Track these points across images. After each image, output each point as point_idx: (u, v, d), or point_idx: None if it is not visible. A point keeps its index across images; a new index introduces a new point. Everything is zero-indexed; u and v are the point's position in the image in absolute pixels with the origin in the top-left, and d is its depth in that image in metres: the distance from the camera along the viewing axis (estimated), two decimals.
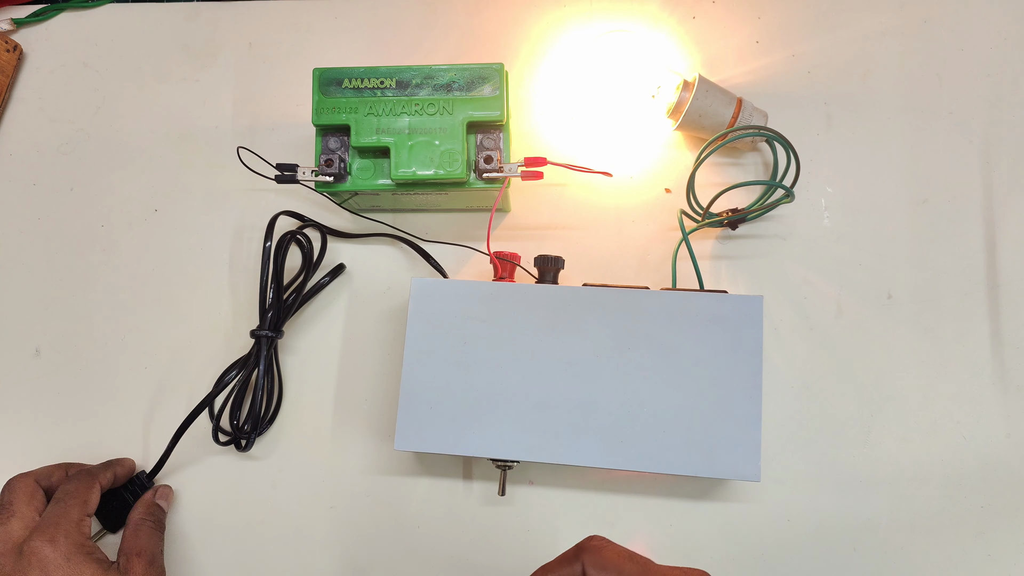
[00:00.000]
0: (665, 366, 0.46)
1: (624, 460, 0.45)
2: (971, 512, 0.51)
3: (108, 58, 0.59)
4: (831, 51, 0.56)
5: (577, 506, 0.52)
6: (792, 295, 0.53)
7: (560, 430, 0.46)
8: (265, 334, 0.51)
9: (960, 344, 0.53)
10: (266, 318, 0.51)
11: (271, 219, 0.52)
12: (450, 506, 0.52)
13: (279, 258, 0.52)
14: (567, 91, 0.56)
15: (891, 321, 0.53)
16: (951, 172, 0.54)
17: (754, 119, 0.52)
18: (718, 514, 0.51)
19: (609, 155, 0.55)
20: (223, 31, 0.58)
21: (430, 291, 0.48)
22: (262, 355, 0.51)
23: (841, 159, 0.55)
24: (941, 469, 0.51)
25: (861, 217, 0.54)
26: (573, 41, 0.57)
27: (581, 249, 0.54)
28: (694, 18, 0.57)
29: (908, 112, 0.55)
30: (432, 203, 0.54)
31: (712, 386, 0.45)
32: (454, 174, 0.47)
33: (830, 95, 0.55)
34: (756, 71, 0.56)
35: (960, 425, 0.52)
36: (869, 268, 0.54)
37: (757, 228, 0.54)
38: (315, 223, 0.54)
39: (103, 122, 0.59)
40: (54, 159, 0.58)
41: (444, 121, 0.48)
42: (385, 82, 0.48)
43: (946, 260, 0.53)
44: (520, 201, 0.56)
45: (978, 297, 0.53)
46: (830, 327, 0.53)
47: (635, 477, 0.52)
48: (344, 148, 0.49)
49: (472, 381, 0.47)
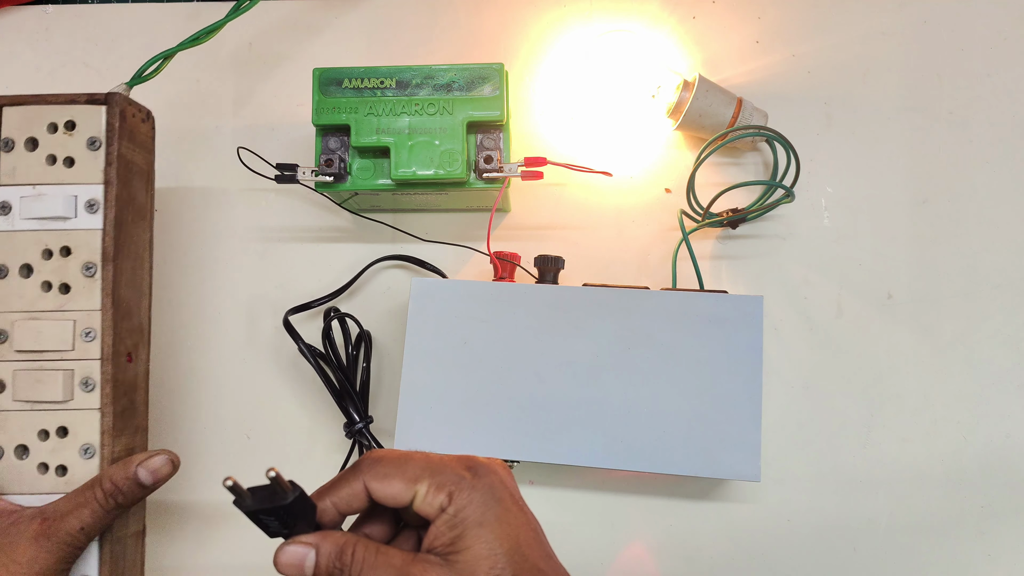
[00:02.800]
0: (665, 366, 0.46)
1: (624, 460, 0.45)
2: (971, 512, 0.51)
3: (108, 58, 0.59)
4: (831, 51, 0.56)
5: (577, 506, 0.52)
6: (792, 295, 0.53)
7: (560, 430, 0.46)
8: (362, 425, 0.50)
9: (960, 344, 0.53)
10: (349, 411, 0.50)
11: (326, 325, 0.51)
12: None
13: (334, 350, 0.51)
14: (567, 91, 0.56)
15: (891, 321, 0.53)
16: (951, 172, 0.54)
17: (754, 119, 0.52)
18: (718, 514, 0.51)
19: (609, 155, 0.55)
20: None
21: (430, 291, 0.48)
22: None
23: (841, 159, 0.55)
24: (941, 469, 0.51)
25: (861, 217, 0.54)
26: (573, 41, 0.57)
27: (581, 249, 0.54)
28: (694, 18, 0.57)
29: (908, 112, 0.55)
30: (432, 203, 0.54)
31: (712, 386, 0.45)
32: (454, 174, 0.47)
33: (830, 95, 0.55)
34: (756, 71, 0.56)
35: (960, 425, 0.52)
36: (869, 268, 0.54)
37: (757, 228, 0.54)
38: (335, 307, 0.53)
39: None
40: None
41: (444, 121, 0.48)
42: (385, 82, 0.48)
43: (946, 260, 0.53)
44: (520, 201, 0.56)
45: (978, 297, 0.53)
46: (830, 327, 0.53)
47: (635, 477, 0.52)
48: (344, 148, 0.49)
49: (472, 381, 0.47)
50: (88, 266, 0.42)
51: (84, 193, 0.43)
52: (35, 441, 0.42)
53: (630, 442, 0.45)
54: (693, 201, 0.51)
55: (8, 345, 0.42)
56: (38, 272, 0.43)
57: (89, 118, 0.43)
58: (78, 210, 0.43)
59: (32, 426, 0.42)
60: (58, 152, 0.43)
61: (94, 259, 0.42)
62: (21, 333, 0.42)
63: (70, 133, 0.43)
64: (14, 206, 0.43)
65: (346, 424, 0.50)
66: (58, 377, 0.41)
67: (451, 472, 0.33)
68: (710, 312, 0.46)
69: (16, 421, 0.42)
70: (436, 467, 0.33)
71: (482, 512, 0.32)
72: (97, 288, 0.42)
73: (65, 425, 0.42)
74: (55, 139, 0.43)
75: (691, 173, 0.50)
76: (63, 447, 0.42)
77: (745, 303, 0.46)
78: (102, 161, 0.43)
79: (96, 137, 0.43)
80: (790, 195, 0.50)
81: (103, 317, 0.42)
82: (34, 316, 0.42)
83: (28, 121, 0.43)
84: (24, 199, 0.43)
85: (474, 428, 0.46)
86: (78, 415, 0.42)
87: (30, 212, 0.43)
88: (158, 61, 0.47)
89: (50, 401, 0.42)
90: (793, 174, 0.50)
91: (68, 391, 0.42)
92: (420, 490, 0.32)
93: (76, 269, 0.42)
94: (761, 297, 0.46)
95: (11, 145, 0.43)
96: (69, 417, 0.42)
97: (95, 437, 0.42)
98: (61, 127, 0.43)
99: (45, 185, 0.43)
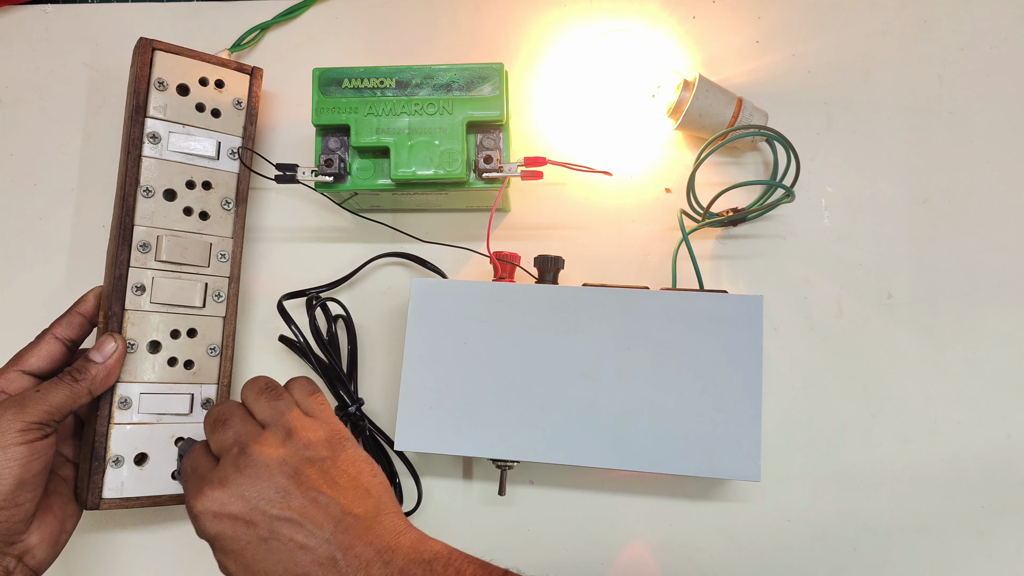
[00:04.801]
0: (665, 366, 0.46)
1: (624, 460, 0.45)
2: (971, 512, 0.51)
3: (108, 58, 0.59)
4: (831, 51, 0.56)
5: (577, 506, 0.52)
6: (792, 295, 0.53)
7: (560, 430, 0.45)
8: (355, 409, 0.51)
9: (960, 344, 0.52)
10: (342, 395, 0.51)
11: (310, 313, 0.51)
12: (450, 505, 0.52)
13: (320, 338, 0.51)
14: (567, 91, 0.56)
15: (891, 321, 0.53)
16: (951, 172, 0.54)
17: (754, 118, 0.52)
18: (718, 514, 0.51)
19: (609, 155, 0.55)
20: (223, 30, 0.58)
21: (430, 291, 0.48)
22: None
23: (841, 159, 0.55)
24: (941, 469, 0.51)
25: (861, 217, 0.54)
26: (573, 41, 0.57)
27: (581, 249, 0.54)
28: (694, 18, 0.57)
29: (908, 112, 0.55)
30: (432, 203, 0.54)
31: (712, 386, 0.45)
32: (454, 174, 0.47)
33: (830, 95, 0.55)
34: (756, 71, 0.56)
35: (961, 425, 0.51)
36: (869, 268, 0.53)
37: (757, 228, 0.54)
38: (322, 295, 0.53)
39: (104, 122, 0.58)
40: (55, 159, 0.58)
41: (444, 121, 0.48)
42: (385, 82, 0.48)
43: (946, 260, 0.53)
44: (520, 200, 0.56)
45: (978, 297, 0.53)
46: (830, 327, 0.53)
47: (635, 477, 0.52)
48: (344, 148, 0.49)
49: (472, 381, 0.47)
50: (226, 201, 0.52)
51: (227, 142, 0.52)
52: (167, 339, 0.49)
53: (630, 442, 0.45)
54: (693, 201, 0.51)
55: (150, 255, 0.49)
56: (181, 198, 0.50)
57: (237, 82, 0.53)
58: (221, 154, 0.52)
59: (166, 326, 0.49)
60: (207, 103, 0.52)
61: (231, 196, 0.52)
62: (168, 246, 0.49)
63: (220, 90, 0.52)
64: (163, 138, 0.50)
65: (338, 408, 0.51)
66: (197, 287, 0.50)
67: None
68: (710, 312, 0.46)
69: (152, 320, 0.49)
70: None
71: None
72: (231, 219, 0.52)
73: (195, 327, 0.50)
74: (205, 91, 0.52)
75: (691, 173, 0.50)
76: (193, 345, 0.50)
77: (745, 303, 0.46)
78: (243, 119, 0.53)
79: (240, 99, 0.53)
80: (790, 195, 0.50)
81: (234, 244, 0.52)
82: (175, 234, 0.50)
83: (181, 69, 0.51)
84: (174, 135, 0.50)
85: (474, 428, 0.46)
86: (208, 320, 0.51)
87: (180, 147, 0.50)
88: (255, 32, 0.57)
89: (186, 306, 0.50)
90: (793, 174, 0.50)
91: (202, 299, 0.50)
92: None
93: (216, 201, 0.51)
94: (761, 297, 0.46)
95: (164, 85, 0.50)
96: (200, 321, 0.50)
97: (219, 339, 0.51)
98: (212, 83, 0.52)
99: (194, 127, 0.51)
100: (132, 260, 0.48)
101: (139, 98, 0.49)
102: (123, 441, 0.48)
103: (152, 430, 0.49)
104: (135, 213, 0.49)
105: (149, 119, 0.50)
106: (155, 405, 0.48)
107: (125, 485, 0.47)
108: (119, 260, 0.48)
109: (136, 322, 0.48)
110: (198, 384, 0.50)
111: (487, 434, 0.46)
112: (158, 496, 0.48)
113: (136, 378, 0.48)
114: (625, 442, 0.45)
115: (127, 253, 0.48)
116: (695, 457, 0.44)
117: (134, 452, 0.48)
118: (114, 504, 0.47)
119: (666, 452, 0.45)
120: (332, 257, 0.56)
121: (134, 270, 0.49)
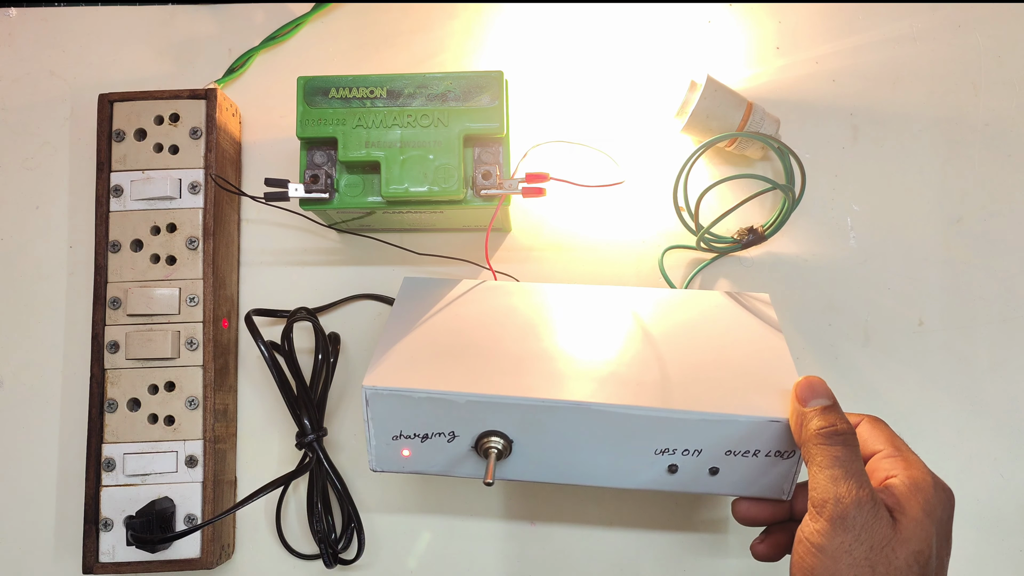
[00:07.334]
0: (666, 365, 0.42)
1: (640, 398, 0.39)
2: (1009, 555, 0.49)
3: (76, 66, 0.57)
4: (858, 57, 0.55)
5: (583, 546, 0.50)
6: (815, 321, 0.52)
7: (560, 374, 0.40)
8: (313, 437, 0.48)
9: (997, 374, 0.51)
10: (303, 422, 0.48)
11: (287, 326, 0.49)
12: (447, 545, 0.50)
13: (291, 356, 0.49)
14: (569, 94, 0.55)
15: (922, 349, 0.52)
16: (987, 189, 0.53)
17: (765, 125, 0.50)
18: (734, 554, 0.49)
19: (613, 155, 0.53)
20: (202, 37, 0.56)
21: (420, 288, 0.47)
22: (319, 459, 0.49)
23: (868, 174, 0.53)
24: (977, 509, 0.50)
25: (890, 237, 0.53)
26: (575, 42, 0.55)
27: (581, 251, 0.53)
28: (709, 22, 0.55)
29: (941, 123, 0.54)
30: (426, 222, 0.52)
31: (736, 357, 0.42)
32: (450, 191, 0.45)
33: (856, 105, 0.54)
34: (776, 79, 0.55)
35: (997, 462, 0.50)
36: (899, 292, 0.52)
37: (777, 248, 0.53)
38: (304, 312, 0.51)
39: (71, 135, 0.56)
40: (17, 174, 0.55)
41: (439, 134, 0.46)
42: (375, 91, 0.46)
43: (982, 284, 0.52)
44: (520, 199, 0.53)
45: (1017, 324, 0.52)
46: (856, 356, 0.52)
47: (645, 507, 0.48)
48: (331, 163, 0.47)
49: (460, 334, 0.43)
50: (191, 240, 0.50)
51: (188, 176, 0.51)
52: (146, 395, 0.49)
53: (646, 382, 0.39)
54: (686, 214, 0.50)
55: (121, 311, 0.49)
56: (147, 246, 0.50)
57: (191, 111, 0.51)
58: (182, 191, 0.51)
59: (143, 381, 0.49)
60: (164, 141, 0.51)
61: (196, 234, 0.50)
62: (134, 299, 0.49)
63: (175, 124, 0.51)
64: (125, 189, 0.50)
65: (298, 434, 0.48)
66: (167, 337, 0.49)
67: None
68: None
69: (129, 378, 0.49)
70: None
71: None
72: (199, 259, 0.50)
73: (172, 380, 0.49)
74: (161, 130, 0.51)
75: (678, 175, 0.49)
76: (171, 399, 0.49)
77: (753, 300, 0.45)
78: (203, 148, 0.51)
79: (197, 127, 0.51)
80: (787, 191, 0.48)
81: (204, 284, 0.50)
82: (144, 284, 0.50)
83: (136, 115, 0.51)
84: (134, 182, 0.50)
85: (456, 368, 0.40)
86: (184, 371, 0.49)
87: (140, 194, 0.50)
88: (244, 59, 0.55)
89: (160, 358, 0.49)
90: (799, 185, 0.49)
91: (176, 349, 0.49)
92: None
93: (181, 243, 0.50)
94: (767, 295, 0.46)
95: (122, 136, 0.51)
96: (176, 373, 0.49)
97: (199, 390, 0.49)
98: (167, 119, 0.51)
99: (153, 170, 0.51)
100: (106, 319, 0.50)
101: (100, 155, 0.51)
102: (111, 504, 0.48)
103: (139, 491, 0.48)
104: (107, 271, 0.50)
105: (113, 173, 0.51)
106: (139, 465, 0.48)
107: (116, 549, 0.48)
108: (95, 320, 0.49)
109: (115, 381, 0.49)
110: (181, 440, 0.49)
111: (471, 373, 0.40)
112: (148, 562, 0.48)
113: (118, 439, 0.49)
114: (644, 383, 0.39)
115: (101, 312, 0.50)
116: (726, 398, 0.39)
117: (123, 515, 0.48)
118: (108, 569, 0.47)
119: (692, 392, 0.39)
120: (328, 277, 0.54)
121: (108, 328, 0.49)
